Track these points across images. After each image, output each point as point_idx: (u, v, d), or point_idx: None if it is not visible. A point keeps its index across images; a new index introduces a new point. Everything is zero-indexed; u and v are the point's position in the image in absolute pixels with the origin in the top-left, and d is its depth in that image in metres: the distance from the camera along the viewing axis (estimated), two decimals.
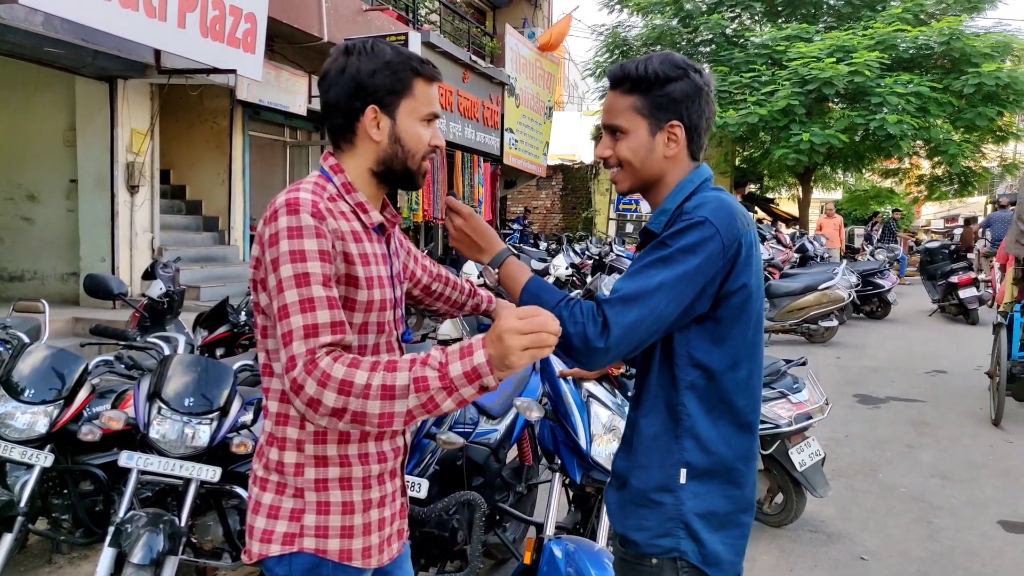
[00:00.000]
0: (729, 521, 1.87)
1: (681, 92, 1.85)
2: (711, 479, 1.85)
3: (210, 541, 3.54)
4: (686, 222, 1.77)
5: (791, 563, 4.35)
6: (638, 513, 1.88)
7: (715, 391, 1.84)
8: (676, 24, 22.29)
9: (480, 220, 1.94)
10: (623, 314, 1.71)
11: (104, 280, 4.88)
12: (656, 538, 1.84)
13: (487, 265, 1.92)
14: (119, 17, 6.99)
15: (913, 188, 26.04)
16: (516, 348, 1.49)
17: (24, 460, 3.37)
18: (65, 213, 9.73)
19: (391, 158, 1.85)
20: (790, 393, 4.60)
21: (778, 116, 18.29)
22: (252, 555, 1.82)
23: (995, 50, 18.54)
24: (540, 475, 4.18)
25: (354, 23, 11.75)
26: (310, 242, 1.68)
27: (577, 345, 1.73)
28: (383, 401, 1.54)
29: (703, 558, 1.83)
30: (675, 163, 1.90)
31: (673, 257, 1.74)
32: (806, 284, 11.48)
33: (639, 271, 1.77)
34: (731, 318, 1.82)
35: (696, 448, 1.83)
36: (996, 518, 5.04)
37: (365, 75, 1.79)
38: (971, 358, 10.57)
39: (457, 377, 1.53)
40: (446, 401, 1.55)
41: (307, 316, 1.64)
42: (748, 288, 1.82)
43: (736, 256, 1.77)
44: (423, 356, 1.57)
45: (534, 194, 25.46)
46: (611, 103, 1.92)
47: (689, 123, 1.87)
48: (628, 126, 1.88)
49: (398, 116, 1.83)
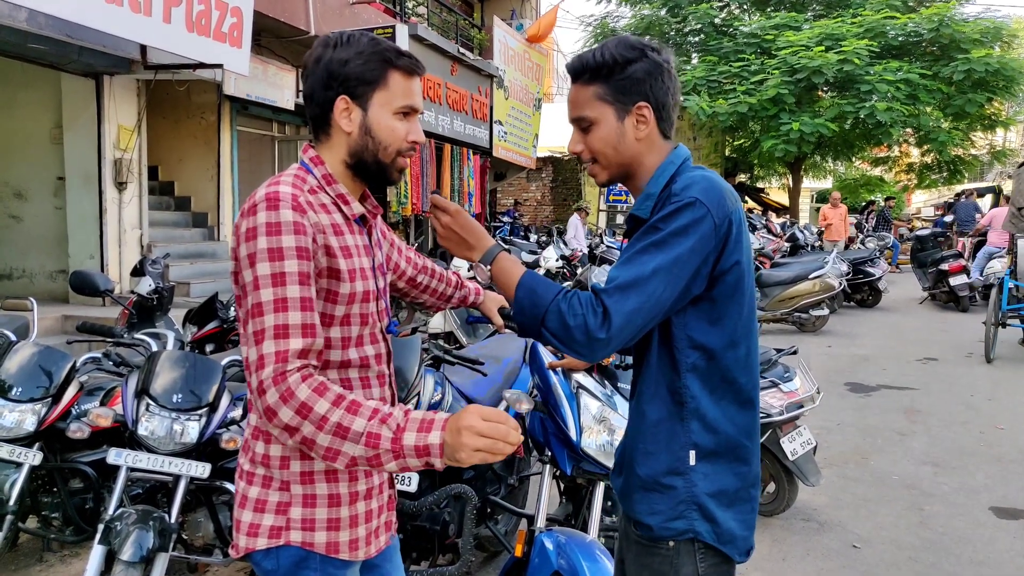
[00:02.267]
0: (739, 497, 1.88)
1: (643, 71, 1.84)
2: (719, 458, 1.85)
3: (201, 537, 3.53)
4: (675, 204, 1.75)
5: (784, 552, 4.36)
6: (648, 498, 1.88)
7: (716, 370, 1.84)
8: (664, 14, 22.31)
9: (467, 216, 1.91)
10: (622, 302, 1.70)
11: (90, 277, 4.85)
12: (669, 521, 1.85)
13: (478, 262, 1.89)
14: (104, 12, 6.94)
15: (903, 176, 26.11)
16: (469, 448, 1.52)
17: (13, 459, 3.36)
18: (53, 210, 9.67)
19: (362, 150, 1.83)
20: (781, 382, 4.61)
21: (768, 105, 18.33)
22: (239, 549, 1.82)
23: (984, 36, 18.62)
24: (531, 467, 4.18)
25: (341, 16, 11.69)
26: (288, 239, 1.67)
27: (578, 338, 1.71)
28: (334, 437, 1.58)
29: (718, 537, 1.84)
30: (649, 144, 1.89)
31: (666, 241, 1.73)
32: (797, 273, 11.51)
33: (633, 257, 1.75)
34: (726, 297, 1.81)
35: (702, 429, 1.84)
36: (987, 505, 5.06)
37: (337, 64, 1.78)
38: (962, 345, 10.62)
39: (408, 447, 1.55)
40: (391, 463, 1.57)
41: (279, 316, 1.64)
42: (740, 266, 1.81)
43: (727, 234, 1.77)
44: (384, 412, 1.59)
45: (524, 186, 25.41)
46: (574, 97, 1.91)
47: (656, 101, 1.86)
48: (595, 115, 1.87)
49: (370, 107, 1.81)
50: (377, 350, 1.90)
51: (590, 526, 3.07)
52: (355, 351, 1.84)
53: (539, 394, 3.20)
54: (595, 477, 3.13)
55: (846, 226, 18.50)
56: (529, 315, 1.76)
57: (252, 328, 1.64)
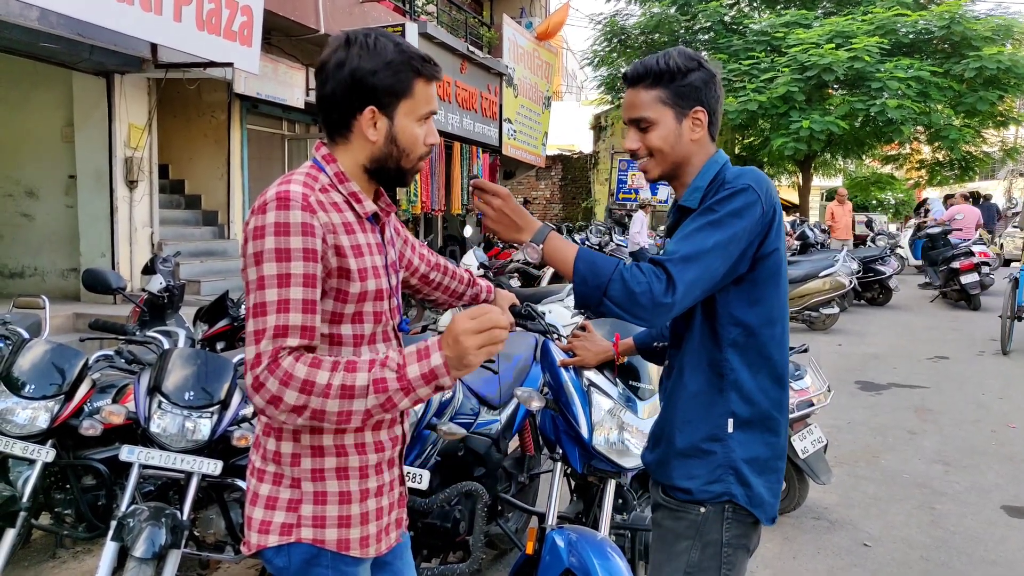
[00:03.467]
0: (768, 467, 2.04)
1: (700, 80, 2.02)
2: (752, 428, 2.01)
3: (212, 534, 3.54)
4: (730, 189, 1.92)
5: (794, 550, 4.35)
6: (687, 464, 2.03)
7: (754, 346, 2.00)
8: (674, 12, 22.22)
9: (514, 199, 1.96)
10: (685, 272, 1.83)
11: (103, 275, 4.87)
12: (707, 484, 2.00)
13: (530, 242, 1.94)
14: (115, 11, 6.97)
15: (914, 173, 25.98)
16: (472, 348, 1.58)
17: (26, 456, 3.36)
18: (64, 209, 9.72)
19: (386, 157, 1.83)
20: (792, 380, 4.59)
21: (778, 103, 18.25)
22: (251, 546, 1.82)
23: (996, 33, 18.49)
24: (542, 465, 4.18)
25: (351, 15, 11.71)
26: (296, 240, 1.67)
27: (644, 303, 1.82)
28: (342, 400, 1.61)
29: (750, 499, 2.00)
30: (700, 145, 2.06)
31: (723, 221, 1.88)
32: (807, 272, 11.47)
33: (692, 234, 1.89)
34: (765, 280, 1.98)
35: (740, 399, 2.00)
36: (999, 504, 5.04)
37: (365, 74, 1.76)
38: (973, 343, 10.58)
39: (415, 379, 1.60)
40: (403, 401, 1.62)
41: (281, 317, 1.65)
42: (779, 253, 1.98)
43: (772, 221, 1.94)
44: (381, 358, 1.63)
45: (533, 184, 25.44)
46: (633, 99, 2.05)
47: (709, 107, 2.04)
48: (655, 117, 2.02)
49: (396, 117, 1.80)
50: (389, 348, 1.91)
51: (601, 524, 3.07)
52: (367, 349, 1.85)
53: (550, 392, 3.19)
54: (606, 475, 3.12)
55: (853, 224, 18.17)
56: (592, 285, 1.85)
57: (253, 327, 1.66)
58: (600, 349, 2.73)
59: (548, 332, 3.24)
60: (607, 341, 2.76)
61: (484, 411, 3.71)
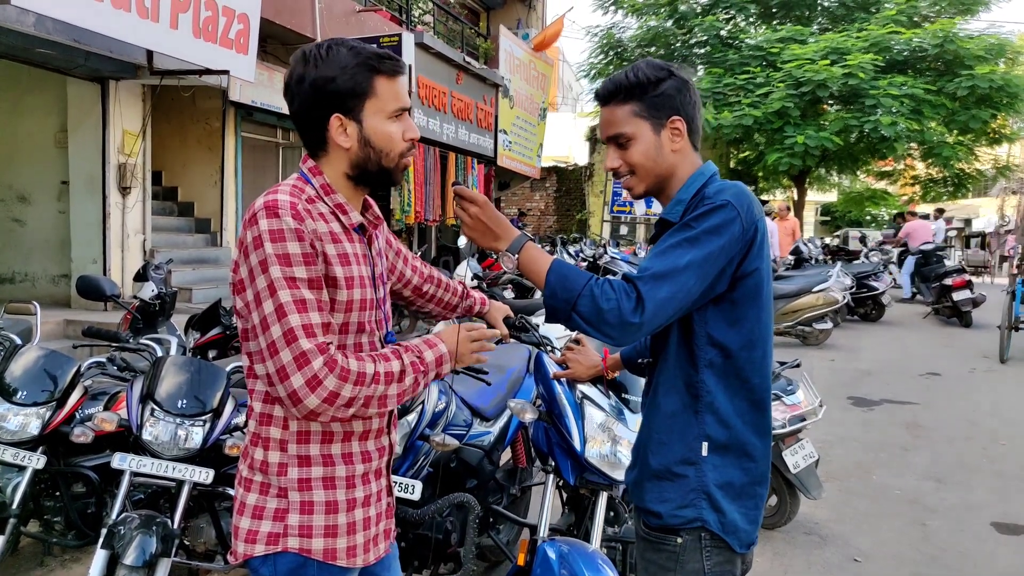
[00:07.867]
0: (744, 492, 1.96)
1: (673, 88, 1.97)
2: (728, 452, 1.94)
3: (203, 543, 3.52)
4: (709, 205, 1.86)
5: (785, 565, 4.35)
6: (660, 487, 1.97)
7: (732, 369, 1.93)
8: (670, 25, 22.31)
9: (494, 207, 1.95)
10: (656, 290, 1.78)
11: (96, 282, 4.85)
12: (679, 509, 1.94)
13: (505, 251, 1.92)
14: (111, 18, 6.98)
15: (908, 189, 26.10)
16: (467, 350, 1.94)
17: (16, 462, 3.35)
18: (56, 215, 9.70)
19: (364, 161, 1.85)
20: (784, 395, 4.60)
21: (772, 118, 18.33)
22: (238, 555, 1.83)
23: (989, 52, 18.62)
24: (534, 477, 4.17)
25: (347, 24, 11.74)
26: (293, 245, 1.69)
27: (611, 321, 1.78)
28: (387, 385, 1.74)
29: (723, 526, 1.93)
30: (683, 155, 2.00)
31: (699, 238, 1.83)
32: (800, 286, 11.48)
33: (667, 251, 1.84)
34: (745, 300, 1.90)
35: (715, 422, 1.93)
36: (989, 520, 5.05)
37: (324, 82, 1.77)
38: (965, 360, 10.62)
39: (430, 363, 1.83)
40: (419, 385, 1.82)
41: (303, 316, 1.67)
42: (760, 272, 1.91)
43: (752, 240, 1.87)
44: (399, 349, 1.82)
45: (528, 196, 25.46)
46: (608, 117, 2.01)
47: (686, 115, 1.98)
48: (633, 131, 1.97)
49: (364, 119, 1.81)
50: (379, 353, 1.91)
51: (593, 536, 3.06)
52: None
53: (543, 404, 3.19)
54: (598, 487, 3.12)
55: (792, 242, 16.09)
56: (561, 299, 1.83)
57: (279, 330, 1.66)
58: (592, 363, 2.72)
59: (542, 344, 3.24)
60: (599, 355, 2.76)
61: (477, 422, 3.70)
